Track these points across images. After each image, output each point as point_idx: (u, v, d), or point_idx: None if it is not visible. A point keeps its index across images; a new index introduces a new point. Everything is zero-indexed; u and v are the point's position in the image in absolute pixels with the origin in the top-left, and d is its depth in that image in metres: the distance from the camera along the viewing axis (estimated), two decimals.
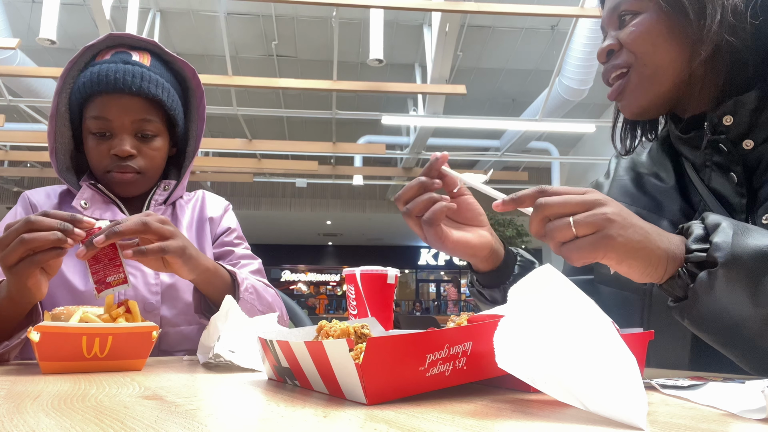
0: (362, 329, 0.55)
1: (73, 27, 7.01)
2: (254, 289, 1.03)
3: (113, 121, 1.04)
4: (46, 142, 4.25)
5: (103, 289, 0.79)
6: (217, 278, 0.96)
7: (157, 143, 1.10)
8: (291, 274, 19.12)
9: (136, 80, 1.04)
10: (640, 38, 0.78)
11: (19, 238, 0.73)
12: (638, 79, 0.80)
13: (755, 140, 0.74)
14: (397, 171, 10.46)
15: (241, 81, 6.10)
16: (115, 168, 1.06)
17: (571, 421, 0.39)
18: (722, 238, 0.59)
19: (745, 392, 0.45)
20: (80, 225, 0.77)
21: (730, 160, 0.76)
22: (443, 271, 19.35)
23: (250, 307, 1.00)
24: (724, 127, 0.75)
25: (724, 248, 0.59)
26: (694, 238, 0.62)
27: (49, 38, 4.57)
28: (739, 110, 0.74)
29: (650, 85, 0.79)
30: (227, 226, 1.24)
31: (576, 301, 0.43)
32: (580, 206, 0.60)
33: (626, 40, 0.80)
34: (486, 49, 8.05)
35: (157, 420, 0.40)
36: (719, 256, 0.59)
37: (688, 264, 0.61)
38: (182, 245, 0.85)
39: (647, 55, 0.78)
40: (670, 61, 0.77)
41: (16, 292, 0.78)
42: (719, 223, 0.61)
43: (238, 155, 9.61)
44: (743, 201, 0.75)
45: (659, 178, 0.87)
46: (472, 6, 4.73)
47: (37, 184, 9.59)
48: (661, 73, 0.78)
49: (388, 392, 0.45)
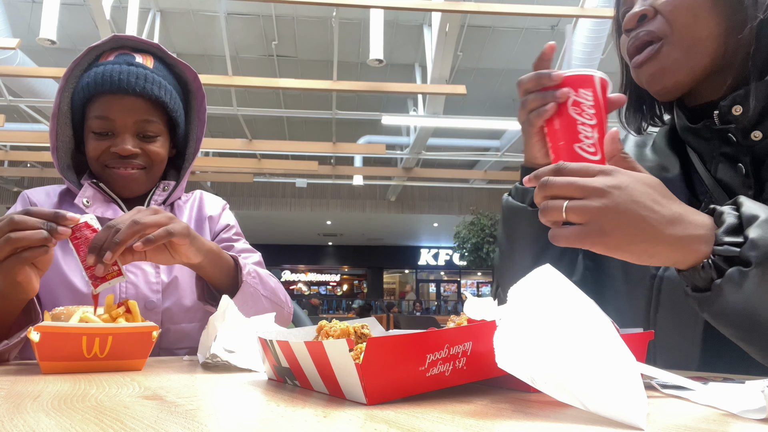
0: (362, 329, 0.55)
1: (73, 27, 7.01)
2: (257, 273, 1.04)
3: (116, 121, 1.05)
4: (46, 142, 4.31)
5: (99, 284, 0.79)
6: (221, 259, 0.97)
7: (158, 144, 1.11)
8: (291, 274, 19.13)
9: (139, 81, 1.05)
10: (682, 6, 0.73)
11: (5, 237, 0.74)
12: (672, 51, 0.74)
13: (764, 132, 0.72)
14: (397, 171, 10.47)
15: (241, 81, 6.11)
16: (118, 164, 1.07)
17: (571, 421, 0.39)
18: (759, 233, 0.54)
19: (745, 392, 0.45)
20: (64, 222, 0.77)
21: (739, 151, 0.74)
22: (443, 271, 19.35)
23: (253, 292, 1.00)
24: (733, 117, 0.73)
25: (761, 246, 0.54)
26: (726, 228, 0.56)
27: (49, 38, 4.57)
28: (749, 100, 0.71)
29: (686, 59, 0.74)
30: (226, 223, 1.25)
31: (576, 301, 0.43)
32: (578, 191, 0.58)
33: (665, 8, 0.74)
34: (486, 49, 8.06)
35: (157, 420, 0.40)
36: (754, 256, 0.54)
37: (715, 256, 0.56)
38: (185, 225, 0.86)
39: (686, 27, 0.73)
40: (708, 35, 0.72)
41: (7, 289, 0.79)
42: (757, 215, 0.56)
43: (238, 155, 9.62)
44: (750, 193, 0.73)
45: (664, 168, 0.85)
46: (472, 6, 4.74)
47: (37, 184, 9.58)
48: (699, 48, 0.73)
49: (388, 392, 0.45)
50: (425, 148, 9.21)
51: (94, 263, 0.76)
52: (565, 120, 0.68)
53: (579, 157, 0.66)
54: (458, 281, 19.41)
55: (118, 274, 0.79)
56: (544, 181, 0.60)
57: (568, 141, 0.68)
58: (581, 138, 0.67)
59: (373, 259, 18.71)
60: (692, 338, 0.74)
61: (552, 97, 0.68)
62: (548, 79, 0.69)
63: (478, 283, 19.28)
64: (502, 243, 0.90)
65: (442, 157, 10.17)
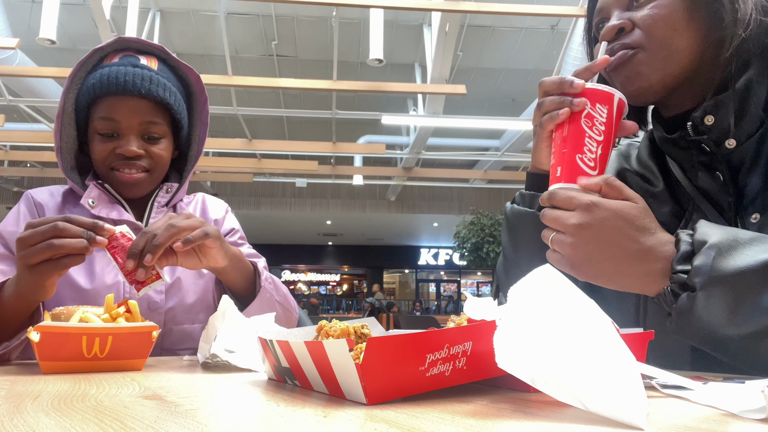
0: (362, 329, 0.55)
1: (73, 27, 7.01)
2: (272, 279, 1.08)
3: (121, 122, 1.06)
4: (46, 142, 4.32)
5: (141, 288, 0.82)
6: (242, 264, 1.01)
7: (162, 145, 1.12)
8: (291, 274, 19.13)
9: (144, 83, 1.06)
10: (661, 21, 0.74)
11: (48, 242, 0.76)
12: (648, 58, 0.75)
13: (738, 139, 0.73)
14: (397, 171, 10.46)
15: (241, 81, 6.11)
16: (122, 166, 1.08)
17: (571, 421, 0.39)
18: (702, 260, 0.59)
19: (745, 392, 0.45)
20: (102, 232, 0.80)
21: (715, 160, 0.75)
22: (443, 271, 19.35)
23: (269, 297, 1.03)
24: (706, 127, 0.74)
25: (703, 272, 0.59)
26: (678, 256, 0.62)
27: (49, 38, 4.57)
28: (720, 110, 0.72)
29: (663, 64, 0.75)
30: (230, 227, 1.26)
31: (576, 301, 0.43)
32: (557, 225, 0.67)
33: (644, 23, 0.75)
34: (486, 49, 8.06)
35: (157, 420, 0.40)
36: (698, 282, 0.59)
37: (672, 284, 0.62)
38: (216, 228, 0.91)
39: (665, 39, 0.74)
40: (686, 47, 0.74)
41: (29, 290, 0.80)
42: (705, 240, 0.60)
43: (238, 155, 9.62)
44: (730, 200, 0.74)
45: (647, 180, 0.86)
46: (472, 6, 4.73)
47: (37, 184, 9.59)
48: (675, 57, 0.74)
49: (388, 392, 0.45)
50: (425, 148, 9.21)
51: (134, 267, 0.80)
52: (575, 129, 0.69)
53: (577, 167, 0.68)
54: (458, 281, 19.42)
55: (157, 277, 0.83)
56: (542, 213, 0.69)
57: (571, 150, 0.68)
58: (585, 150, 0.68)
59: (373, 259, 18.72)
60: (683, 342, 0.74)
61: (569, 104, 0.69)
62: (569, 86, 0.70)
63: (478, 282, 19.29)
64: (508, 250, 0.91)
65: (442, 156, 10.18)
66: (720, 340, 0.60)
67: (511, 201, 0.91)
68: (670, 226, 0.79)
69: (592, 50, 0.91)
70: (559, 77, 0.72)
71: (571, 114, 0.69)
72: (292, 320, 1.14)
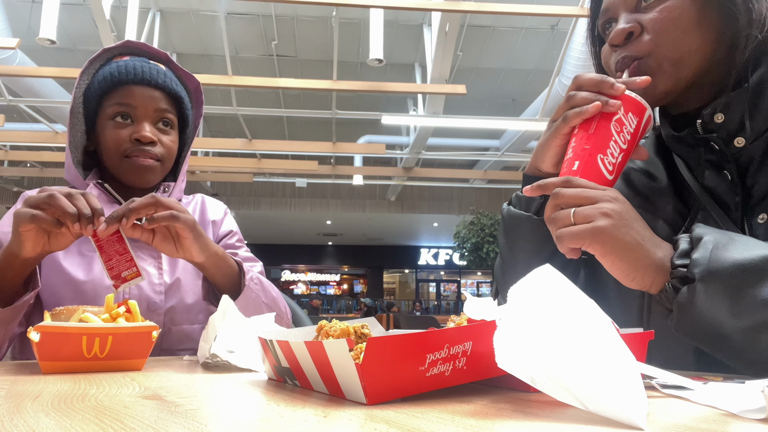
0: (362, 329, 0.55)
1: (73, 27, 7.01)
2: (259, 281, 1.06)
3: (137, 108, 1.08)
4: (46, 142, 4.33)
5: (120, 284, 0.84)
6: (225, 264, 1.00)
7: (172, 137, 1.15)
8: (291, 274, 19.13)
9: (160, 75, 1.11)
10: (670, 24, 0.72)
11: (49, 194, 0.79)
12: (659, 64, 0.74)
13: (747, 138, 0.72)
14: (397, 171, 10.46)
15: (241, 81, 6.10)
16: (137, 153, 1.08)
17: (571, 421, 0.39)
18: (701, 253, 0.60)
19: (745, 392, 0.45)
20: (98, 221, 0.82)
21: (723, 159, 0.75)
22: (443, 271, 19.35)
23: (255, 297, 1.02)
24: (716, 125, 0.73)
25: (701, 264, 0.60)
26: (678, 253, 0.63)
27: (49, 38, 4.56)
28: (730, 108, 0.72)
29: (674, 69, 0.74)
30: (229, 229, 1.26)
31: (576, 301, 0.43)
32: (587, 200, 0.63)
33: (653, 26, 0.73)
34: (486, 49, 8.05)
35: (157, 420, 0.40)
36: (696, 273, 0.60)
37: (672, 279, 0.63)
38: (193, 219, 0.90)
39: (675, 43, 0.73)
40: (696, 49, 0.73)
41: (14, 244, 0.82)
42: (702, 236, 0.62)
43: (238, 155, 9.61)
44: (737, 199, 0.74)
45: (651, 176, 0.85)
46: (472, 6, 4.73)
47: (37, 184, 9.57)
48: (686, 60, 0.74)
49: (388, 392, 0.45)
50: (425, 148, 9.20)
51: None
52: (603, 130, 0.68)
53: (597, 167, 0.67)
54: (458, 281, 19.42)
55: (137, 275, 0.85)
56: (556, 192, 0.66)
57: (594, 148, 0.67)
58: (608, 153, 0.67)
59: (373, 259, 18.72)
60: (686, 343, 0.74)
61: (604, 102, 0.69)
62: (609, 87, 0.70)
63: (478, 282, 19.28)
64: (505, 252, 0.90)
65: (442, 156, 10.17)
66: (721, 334, 0.60)
67: (507, 202, 0.90)
68: (674, 225, 0.79)
69: (596, 50, 0.91)
70: (600, 75, 0.71)
71: (603, 114, 0.69)
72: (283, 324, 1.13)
